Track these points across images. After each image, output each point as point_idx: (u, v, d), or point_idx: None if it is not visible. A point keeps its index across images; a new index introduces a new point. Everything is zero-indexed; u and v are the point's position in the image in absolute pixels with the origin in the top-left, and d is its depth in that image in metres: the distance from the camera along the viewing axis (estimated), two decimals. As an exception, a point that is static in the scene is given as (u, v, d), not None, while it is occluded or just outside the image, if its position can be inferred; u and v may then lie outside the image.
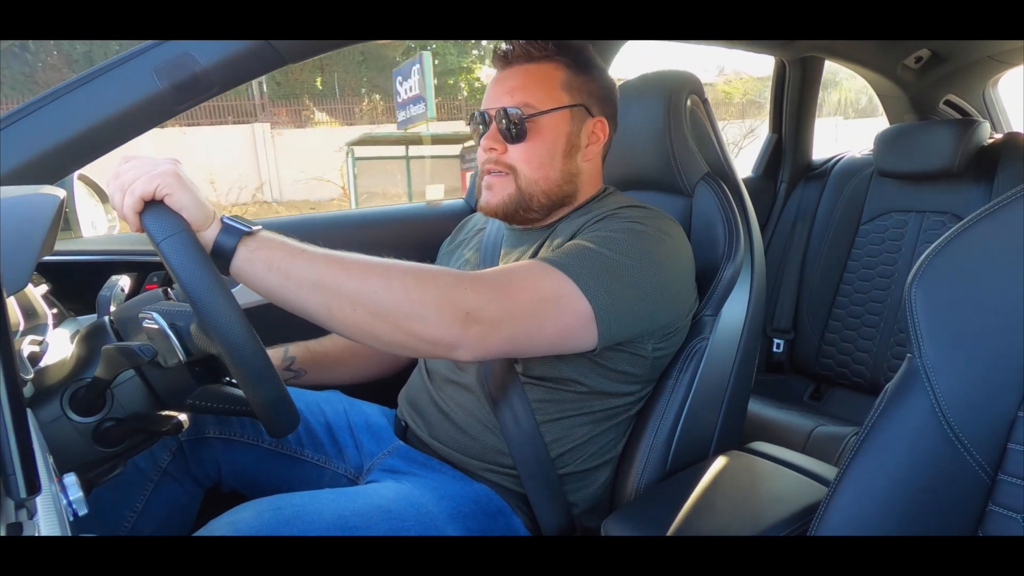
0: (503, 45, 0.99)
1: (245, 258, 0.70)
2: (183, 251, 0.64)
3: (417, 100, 8.63)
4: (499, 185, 0.98)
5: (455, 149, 9.51)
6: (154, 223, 0.65)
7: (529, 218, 1.00)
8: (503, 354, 0.81)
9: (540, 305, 0.79)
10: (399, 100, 9.12)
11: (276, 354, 1.12)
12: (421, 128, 9.11)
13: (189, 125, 11.32)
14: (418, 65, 8.37)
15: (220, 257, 0.69)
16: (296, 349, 1.14)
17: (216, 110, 12.05)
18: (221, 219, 0.70)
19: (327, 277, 0.71)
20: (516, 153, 0.96)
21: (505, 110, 0.95)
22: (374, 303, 0.71)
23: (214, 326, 0.63)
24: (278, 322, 1.10)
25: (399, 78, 9.00)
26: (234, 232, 0.70)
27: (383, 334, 0.73)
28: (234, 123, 12.13)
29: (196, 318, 0.66)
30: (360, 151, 9.74)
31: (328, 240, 0.77)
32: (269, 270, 0.70)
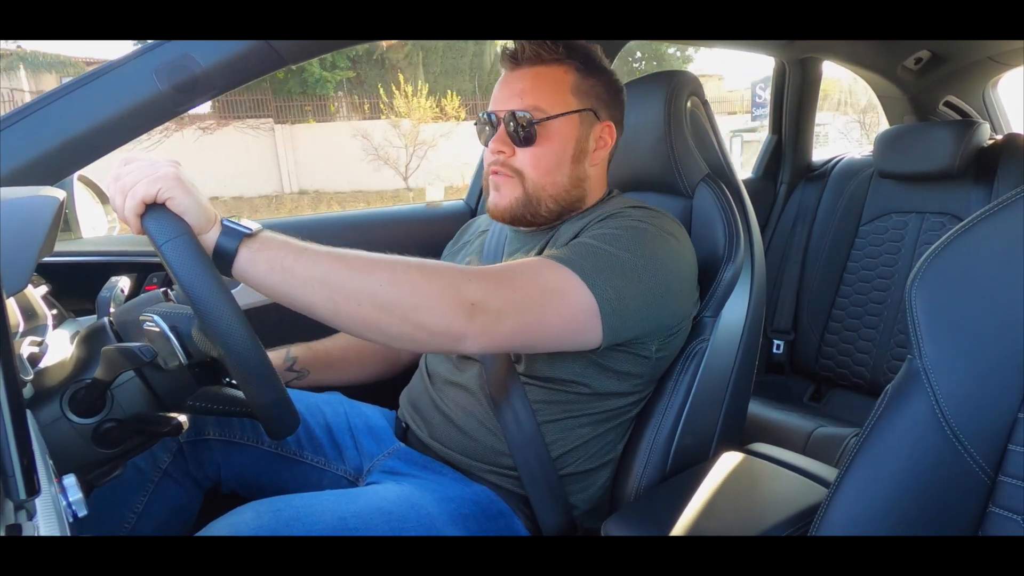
0: (510, 45, 0.98)
1: (247, 259, 0.70)
2: (185, 254, 0.64)
3: (766, 103, 12.04)
4: (506, 187, 0.97)
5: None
6: (155, 226, 0.65)
7: (536, 221, 1.00)
8: (509, 346, 0.80)
9: (545, 296, 0.79)
10: (756, 101, 13.81)
11: (278, 355, 1.12)
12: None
13: (465, 121, 13.67)
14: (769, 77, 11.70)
15: (222, 259, 0.69)
16: (298, 350, 1.14)
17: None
18: (222, 221, 0.71)
19: (331, 273, 0.71)
20: (524, 157, 0.96)
21: (514, 113, 0.93)
22: (380, 297, 0.71)
23: (215, 329, 0.63)
24: (279, 323, 1.10)
25: (759, 86, 13.31)
26: (235, 234, 0.70)
27: (390, 327, 0.73)
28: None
29: (198, 321, 0.66)
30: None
31: (328, 242, 0.77)
32: (272, 270, 0.70)
